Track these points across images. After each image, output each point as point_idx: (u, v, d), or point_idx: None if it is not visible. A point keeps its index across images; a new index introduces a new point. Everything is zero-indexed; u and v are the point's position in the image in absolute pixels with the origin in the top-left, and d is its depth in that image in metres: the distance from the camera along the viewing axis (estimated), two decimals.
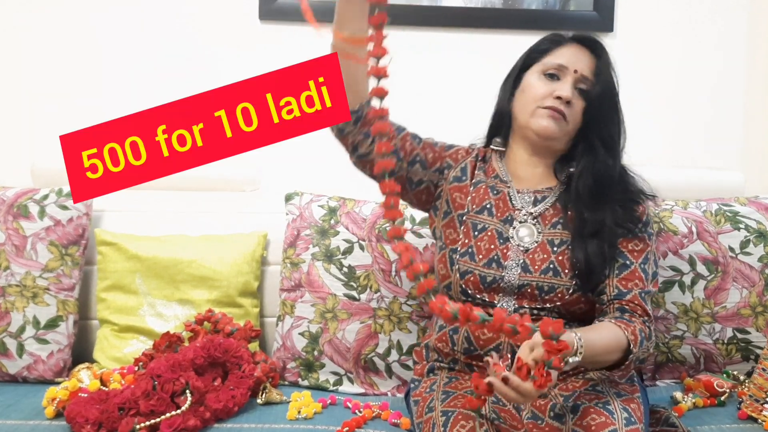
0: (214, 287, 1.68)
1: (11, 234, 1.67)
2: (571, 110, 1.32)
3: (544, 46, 1.39)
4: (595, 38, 1.38)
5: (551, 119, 1.32)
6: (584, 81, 1.33)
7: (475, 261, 1.32)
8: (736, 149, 2.21)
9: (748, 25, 2.19)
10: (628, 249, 1.32)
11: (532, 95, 1.34)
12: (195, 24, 2.10)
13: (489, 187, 1.39)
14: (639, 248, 1.32)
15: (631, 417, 1.15)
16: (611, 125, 1.36)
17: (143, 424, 1.27)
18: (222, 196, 1.92)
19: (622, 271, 1.30)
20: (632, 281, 1.29)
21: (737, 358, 1.65)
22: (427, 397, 1.31)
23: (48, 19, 2.08)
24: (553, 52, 1.36)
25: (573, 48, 1.36)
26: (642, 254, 1.32)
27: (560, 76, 1.33)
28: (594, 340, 1.16)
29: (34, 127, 2.08)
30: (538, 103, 1.33)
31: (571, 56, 1.35)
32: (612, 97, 1.35)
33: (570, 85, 1.32)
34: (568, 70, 1.33)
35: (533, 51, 1.40)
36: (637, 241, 1.32)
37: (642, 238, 1.33)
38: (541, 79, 1.35)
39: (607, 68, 1.35)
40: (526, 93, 1.36)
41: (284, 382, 1.65)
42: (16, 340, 1.63)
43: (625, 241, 1.32)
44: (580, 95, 1.33)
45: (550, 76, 1.34)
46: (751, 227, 1.68)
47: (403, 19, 2.12)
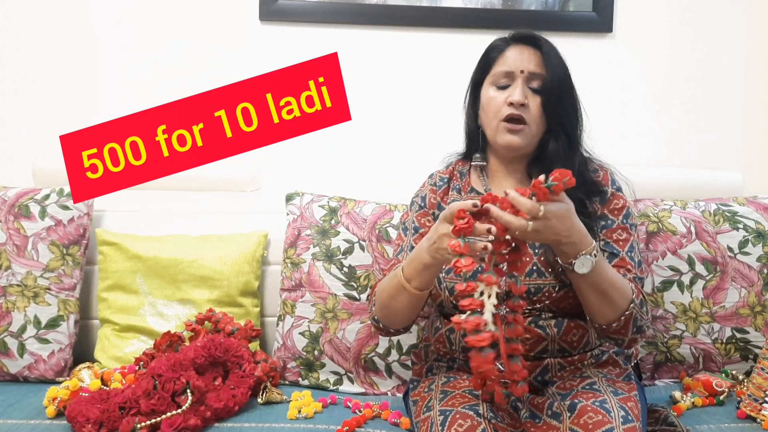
0: (215, 287, 1.69)
1: (12, 234, 1.68)
2: (528, 112, 1.34)
3: (491, 56, 1.41)
4: (533, 33, 1.40)
5: (512, 134, 1.35)
6: (534, 77, 1.35)
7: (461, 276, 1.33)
8: (735, 149, 2.22)
9: (748, 25, 2.19)
10: (612, 239, 1.34)
11: (492, 110, 1.37)
12: (195, 24, 2.10)
13: None
14: (623, 237, 1.35)
15: (628, 415, 1.15)
16: (570, 112, 1.38)
17: (144, 423, 1.28)
18: (222, 196, 1.92)
19: (612, 260, 1.32)
20: (624, 267, 1.32)
21: (736, 357, 1.65)
22: (426, 396, 1.32)
23: (48, 18, 2.08)
24: (498, 60, 1.39)
25: (516, 49, 1.38)
26: (627, 243, 1.35)
27: (511, 83, 1.36)
28: (605, 264, 1.23)
29: (35, 127, 2.09)
30: (498, 116, 1.36)
31: (515, 59, 1.37)
32: (565, 84, 1.37)
33: (520, 87, 1.34)
34: (516, 74, 1.35)
35: (482, 63, 1.43)
36: (621, 231, 1.35)
37: (624, 227, 1.36)
38: (495, 91, 1.37)
39: (553, 58, 1.36)
40: (486, 109, 1.39)
41: (285, 381, 1.65)
42: (17, 340, 1.63)
43: (609, 232, 1.35)
44: (535, 93, 1.35)
45: (502, 87, 1.37)
46: (749, 227, 1.68)
47: (403, 19, 2.13)
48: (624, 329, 1.26)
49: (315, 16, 2.10)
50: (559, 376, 1.32)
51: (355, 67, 2.09)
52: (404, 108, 2.16)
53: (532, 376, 1.32)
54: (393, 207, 1.72)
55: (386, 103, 2.16)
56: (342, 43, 2.11)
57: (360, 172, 2.14)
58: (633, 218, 1.39)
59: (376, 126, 2.15)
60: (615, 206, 1.37)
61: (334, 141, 2.09)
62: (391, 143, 2.15)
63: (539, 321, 1.31)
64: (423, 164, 1.60)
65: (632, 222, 1.38)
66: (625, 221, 1.36)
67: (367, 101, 2.11)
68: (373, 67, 2.14)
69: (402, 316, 1.35)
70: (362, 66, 2.12)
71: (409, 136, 2.15)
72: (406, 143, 2.14)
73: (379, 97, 2.15)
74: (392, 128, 2.15)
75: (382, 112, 2.16)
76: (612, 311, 1.24)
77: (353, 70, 2.03)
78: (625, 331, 1.26)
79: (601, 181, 1.40)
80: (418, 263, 1.23)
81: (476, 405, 1.21)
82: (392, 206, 1.72)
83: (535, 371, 1.32)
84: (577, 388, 1.25)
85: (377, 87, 2.14)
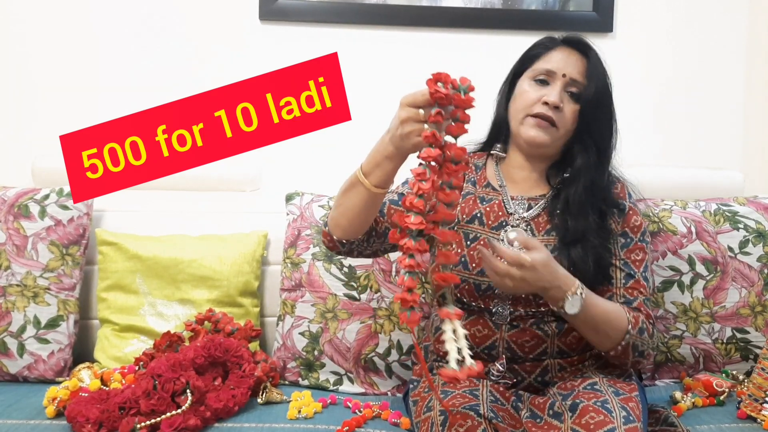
0: (215, 287, 1.69)
1: (12, 234, 1.68)
2: (560, 115, 1.33)
3: (535, 51, 1.40)
4: (583, 39, 1.38)
5: (538, 128, 1.33)
6: (574, 84, 1.34)
7: (469, 270, 1.33)
8: (736, 149, 2.22)
9: (748, 25, 2.19)
10: (631, 259, 1.34)
11: (522, 102, 1.35)
12: (195, 24, 2.10)
13: (478, 198, 1.40)
14: (639, 258, 1.35)
15: (629, 415, 1.15)
16: (604, 127, 1.37)
17: (144, 423, 1.28)
18: (222, 196, 1.92)
19: (628, 281, 1.33)
20: (637, 289, 1.33)
21: (736, 357, 1.65)
22: (426, 396, 1.32)
23: (48, 18, 2.08)
24: (543, 57, 1.37)
25: (562, 52, 1.37)
26: (642, 263, 1.35)
27: (549, 82, 1.34)
28: (596, 299, 1.24)
29: (35, 127, 2.08)
30: (527, 110, 1.34)
31: (560, 60, 1.35)
32: (605, 97, 1.35)
33: (558, 90, 1.33)
34: (557, 75, 1.34)
35: (525, 57, 1.41)
36: (638, 251, 1.35)
37: (641, 246, 1.36)
38: (531, 86, 1.36)
39: (598, 69, 1.35)
40: (518, 100, 1.37)
41: (284, 381, 1.65)
42: (17, 340, 1.63)
43: (628, 252, 1.35)
44: (572, 98, 1.34)
45: (540, 82, 1.35)
46: (750, 227, 1.68)
47: (403, 19, 2.12)
48: (624, 355, 1.28)
49: (315, 15, 2.10)
50: (559, 377, 1.32)
51: (355, 67, 2.08)
52: None
53: (532, 377, 1.32)
54: None
55: (386, 103, 2.14)
56: (342, 43, 2.10)
57: None
58: (647, 236, 1.39)
59: (376, 126, 2.14)
60: (634, 223, 1.37)
61: (334, 141, 2.09)
62: None
63: (541, 324, 1.31)
64: None
65: (647, 239, 1.38)
66: (641, 240, 1.36)
67: (367, 101, 2.11)
68: (373, 67, 2.13)
69: (350, 218, 1.27)
70: (362, 66, 2.12)
71: None
72: None
73: (379, 97, 2.14)
74: None
75: (382, 112, 2.14)
76: (608, 341, 1.26)
77: (353, 70, 2.02)
78: (625, 357, 1.28)
79: (618, 193, 1.39)
80: (378, 155, 1.19)
81: (477, 405, 1.21)
82: None
83: (535, 372, 1.32)
84: (578, 388, 1.25)
85: (377, 87, 2.13)
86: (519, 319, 1.32)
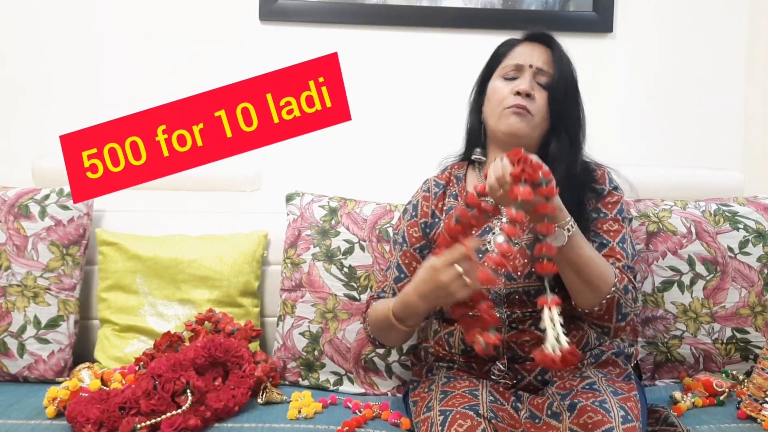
0: (215, 287, 1.69)
1: (12, 234, 1.68)
2: (534, 103, 1.36)
3: (500, 51, 1.44)
4: (545, 32, 1.43)
5: (516, 116, 1.35)
6: (542, 73, 1.38)
7: None
8: (736, 149, 2.22)
9: (748, 25, 2.19)
10: (603, 230, 1.35)
11: (497, 98, 1.39)
12: (195, 24, 2.10)
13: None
14: (614, 229, 1.35)
15: (628, 415, 1.15)
16: (573, 113, 1.39)
17: (144, 423, 1.28)
18: (222, 196, 1.92)
19: (601, 250, 1.32)
20: (613, 257, 1.32)
21: (736, 357, 1.65)
22: (426, 396, 1.32)
23: (48, 19, 2.08)
24: (509, 55, 1.42)
25: (527, 46, 1.42)
26: (618, 234, 1.35)
27: (518, 75, 1.39)
28: (585, 242, 1.24)
29: (35, 127, 2.08)
30: (502, 104, 1.37)
31: (526, 54, 1.40)
32: (571, 84, 1.39)
33: (528, 79, 1.37)
34: (524, 67, 1.38)
35: (492, 59, 1.46)
36: (612, 222, 1.36)
37: (617, 219, 1.36)
38: (502, 83, 1.40)
39: (562, 57, 1.39)
40: (492, 99, 1.40)
41: (285, 381, 1.65)
42: (17, 340, 1.63)
43: (600, 223, 1.35)
44: (541, 87, 1.37)
45: (510, 79, 1.39)
46: (750, 227, 1.68)
47: (403, 19, 2.13)
48: (607, 314, 1.26)
49: (315, 16, 2.10)
50: (558, 376, 1.32)
51: (355, 67, 2.09)
52: (404, 108, 2.16)
53: (532, 375, 1.32)
54: (393, 207, 1.72)
55: (386, 103, 2.16)
56: (342, 43, 2.11)
57: (360, 172, 2.13)
58: (627, 213, 1.40)
59: (376, 126, 2.15)
60: (609, 201, 1.38)
61: (334, 141, 2.09)
62: (391, 143, 2.14)
63: (539, 324, 1.31)
64: (423, 164, 1.60)
65: (626, 216, 1.39)
66: (618, 215, 1.37)
67: (367, 101, 2.11)
68: (373, 67, 2.14)
69: (397, 342, 1.44)
70: (362, 66, 2.12)
71: (409, 136, 2.15)
72: (406, 143, 2.14)
73: (379, 97, 2.15)
74: (392, 128, 2.15)
75: (382, 112, 2.16)
76: (593, 293, 1.24)
77: (353, 70, 2.03)
78: (609, 317, 1.27)
79: (598, 179, 1.40)
80: (409, 310, 1.26)
81: (476, 405, 1.21)
82: (392, 206, 1.72)
83: (535, 370, 1.32)
84: (576, 388, 1.25)
85: (377, 87, 2.14)
86: (517, 320, 1.32)
